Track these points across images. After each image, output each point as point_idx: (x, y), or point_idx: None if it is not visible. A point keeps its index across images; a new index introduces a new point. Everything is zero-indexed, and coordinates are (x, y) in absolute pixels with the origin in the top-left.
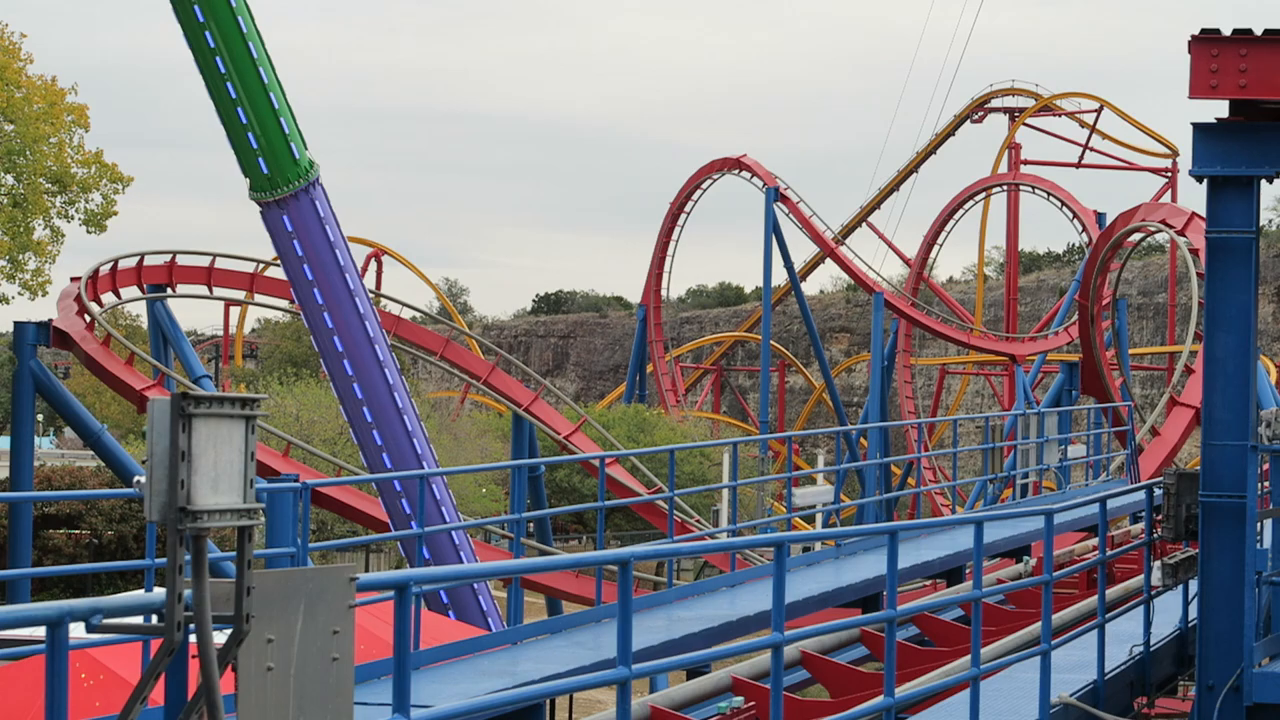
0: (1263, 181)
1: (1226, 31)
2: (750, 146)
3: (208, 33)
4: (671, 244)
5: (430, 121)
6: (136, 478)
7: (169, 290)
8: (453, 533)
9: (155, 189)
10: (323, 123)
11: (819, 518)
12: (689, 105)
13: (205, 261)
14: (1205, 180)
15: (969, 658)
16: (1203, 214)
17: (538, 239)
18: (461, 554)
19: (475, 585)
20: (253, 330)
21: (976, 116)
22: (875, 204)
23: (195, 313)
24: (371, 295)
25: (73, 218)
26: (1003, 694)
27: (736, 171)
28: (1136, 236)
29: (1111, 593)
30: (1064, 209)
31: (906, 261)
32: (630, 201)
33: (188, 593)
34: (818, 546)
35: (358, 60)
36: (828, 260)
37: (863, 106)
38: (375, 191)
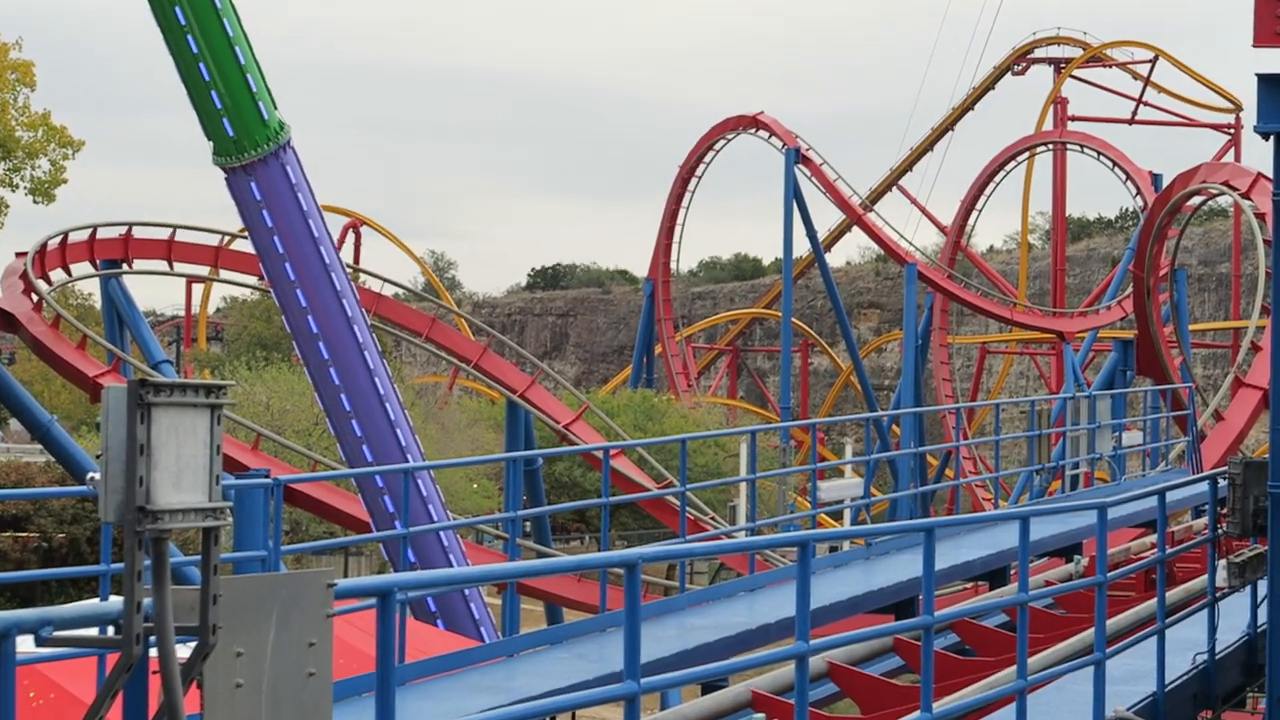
0: None
1: None
2: (768, 103)
3: None
4: (681, 211)
5: (414, 79)
6: (90, 474)
7: (125, 266)
8: (441, 533)
9: (109, 155)
10: (294, 80)
11: (847, 514)
12: (700, 59)
13: (165, 234)
14: (1271, 137)
15: (1014, 668)
16: (1269, 174)
17: (533, 208)
18: (451, 557)
19: (466, 591)
20: (218, 310)
21: (1018, 68)
22: (907, 166)
23: (154, 291)
24: (349, 270)
25: (18, 186)
26: (1052, 708)
27: (753, 131)
28: (1197, 200)
29: (1172, 595)
30: (1116, 170)
31: (942, 229)
32: (635, 165)
33: (147, 601)
34: (846, 546)
35: (332, 13)
36: (855, 228)
37: (892, 58)
38: (353, 155)
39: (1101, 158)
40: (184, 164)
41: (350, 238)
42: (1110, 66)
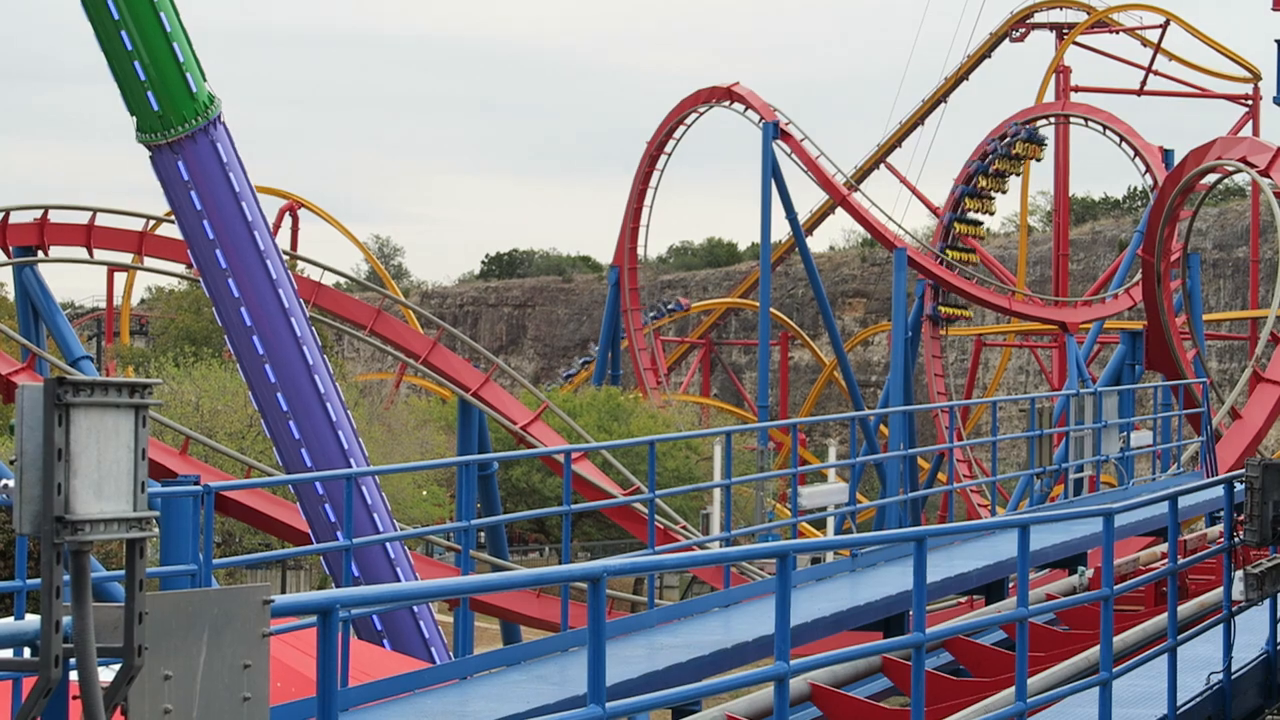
0: None
1: None
2: (744, 72)
3: None
4: (649, 192)
5: (355, 46)
6: (3, 482)
7: (40, 253)
8: (387, 545)
9: (21, 130)
10: (224, 48)
11: (831, 522)
12: (669, 24)
13: (84, 218)
14: None
15: (1013, 690)
16: None
17: (487, 188)
18: (398, 570)
19: (415, 608)
20: (142, 301)
21: (1016, 34)
22: (895, 141)
23: (72, 280)
24: (286, 257)
25: None
26: None
27: (727, 103)
28: (1211, 178)
29: (1184, 609)
30: (1123, 145)
31: (934, 211)
32: (599, 141)
33: (67, 620)
34: (829, 557)
35: None
36: (838, 210)
37: (879, 23)
38: (289, 132)
39: (1108, 132)
40: (105, 141)
41: (287, 221)
42: (1117, 32)
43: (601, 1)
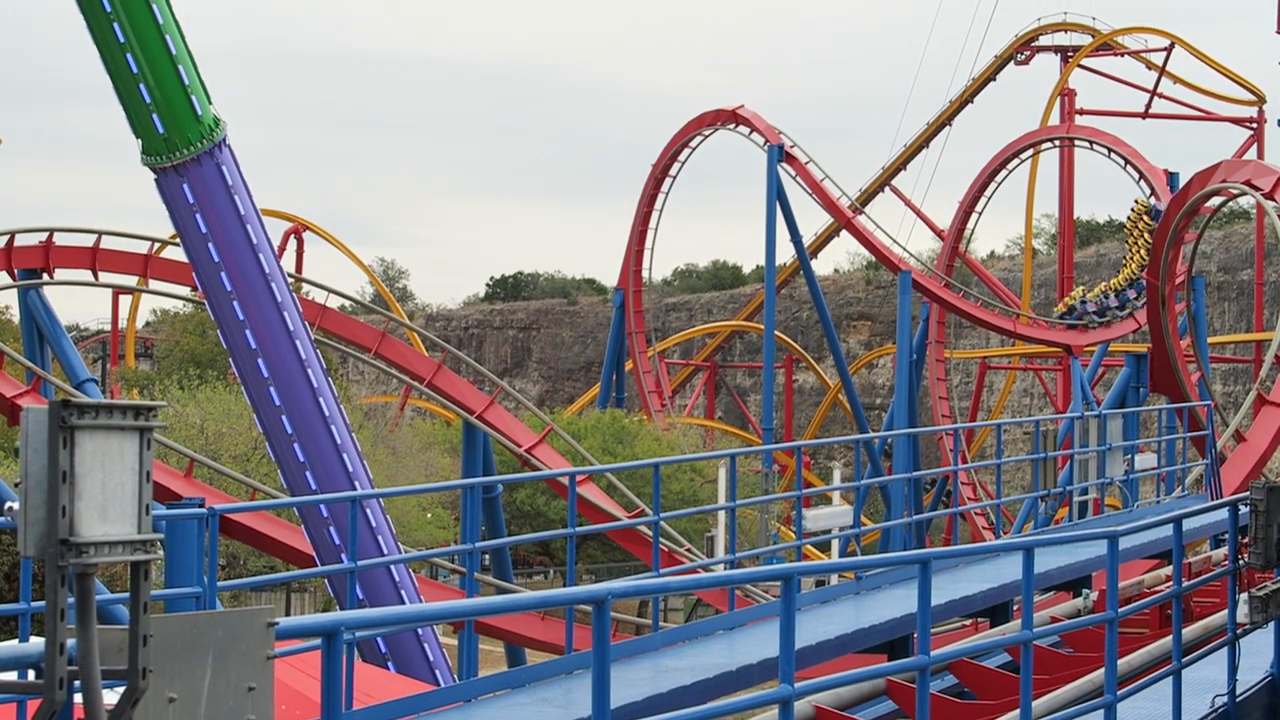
0: None
1: None
2: (749, 94)
3: None
4: (654, 215)
5: (358, 67)
6: (8, 504)
7: (45, 276)
8: (392, 567)
9: (27, 152)
10: (228, 70)
11: (835, 545)
12: (674, 45)
13: (89, 241)
14: None
15: (1017, 712)
16: None
17: (491, 211)
18: (403, 593)
19: (419, 631)
20: (147, 324)
21: (1021, 57)
22: (900, 164)
23: (77, 303)
24: (291, 280)
25: None
26: None
27: (733, 126)
28: (1216, 201)
29: (1189, 632)
30: (1128, 168)
31: (939, 233)
32: (604, 164)
33: (71, 642)
34: (834, 580)
35: None
36: (843, 233)
37: (884, 46)
38: (294, 155)
39: (1112, 155)
40: (110, 163)
41: (292, 244)
42: (1122, 55)
43: (607, 23)
